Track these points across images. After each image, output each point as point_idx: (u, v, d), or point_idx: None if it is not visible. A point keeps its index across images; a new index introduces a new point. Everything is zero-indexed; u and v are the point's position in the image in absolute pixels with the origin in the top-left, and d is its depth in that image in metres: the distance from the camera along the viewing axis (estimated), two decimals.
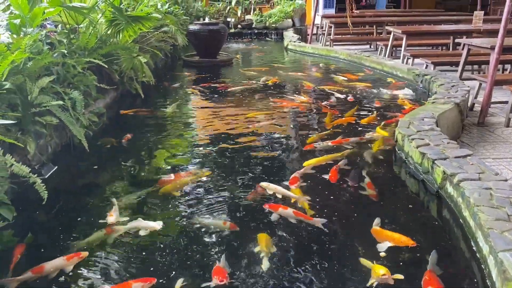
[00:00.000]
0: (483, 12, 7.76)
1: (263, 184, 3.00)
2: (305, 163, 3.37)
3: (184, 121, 4.67)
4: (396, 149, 3.57)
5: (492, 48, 4.58)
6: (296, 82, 6.43)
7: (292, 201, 2.82)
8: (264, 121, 4.53)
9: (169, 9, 8.04)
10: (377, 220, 2.53)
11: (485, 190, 2.40)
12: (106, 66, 4.20)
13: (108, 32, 4.89)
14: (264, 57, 9.28)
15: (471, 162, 2.80)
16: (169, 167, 3.43)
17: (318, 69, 7.70)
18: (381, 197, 2.91)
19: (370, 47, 10.41)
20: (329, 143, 3.83)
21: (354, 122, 4.44)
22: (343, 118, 4.52)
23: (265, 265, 2.16)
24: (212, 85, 6.18)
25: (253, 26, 12.10)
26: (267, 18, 11.96)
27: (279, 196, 2.87)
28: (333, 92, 5.59)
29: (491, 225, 2.06)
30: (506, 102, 4.61)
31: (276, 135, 4.13)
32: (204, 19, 10.31)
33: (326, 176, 3.14)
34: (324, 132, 4.14)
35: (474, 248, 2.22)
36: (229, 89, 5.94)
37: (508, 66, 6.44)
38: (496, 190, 2.40)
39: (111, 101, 4.84)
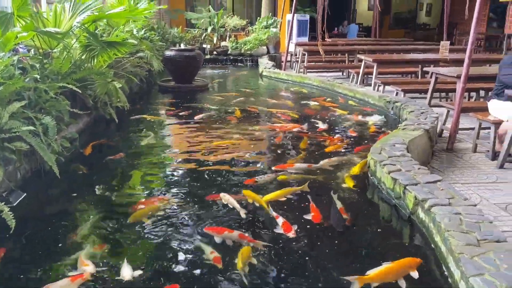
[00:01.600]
0: (449, 42, 8.10)
1: (221, 194, 3.22)
2: (264, 198, 3.16)
3: (156, 147, 4.62)
4: (369, 175, 3.63)
5: (458, 77, 4.76)
6: (271, 108, 6.50)
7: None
8: (236, 149, 4.50)
9: (145, 35, 8.08)
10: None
11: (455, 215, 2.46)
12: (80, 91, 4.16)
13: (83, 57, 4.87)
14: (240, 83, 9.39)
15: (441, 187, 2.87)
16: (141, 194, 3.39)
17: (292, 96, 7.83)
18: (355, 222, 2.94)
19: (343, 74, 10.66)
20: (273, 171, 3.80)
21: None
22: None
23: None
24: (184, 112, 6.13)
25: (229, 52, 12.25)
26: (242, 45, 12.14)
27: (231, 206, 3.08)
28: (309, 118, 5.69)
29: (462, 250, 2.10)
30: (473, 129, 4.77)
31: (249, 162, 4.12)
32: (180, 45, 10.38)
33: (308, 217, 2.93)
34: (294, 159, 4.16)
35: (446, 273, 2.25)
36: (202, 115, 5.89)
37: (473, 94, 6.69)
38: (466, 215, 2.46)
39: (84, 126, 4.77)
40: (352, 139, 4.87)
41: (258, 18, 13.55)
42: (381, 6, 13.29)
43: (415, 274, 2.25)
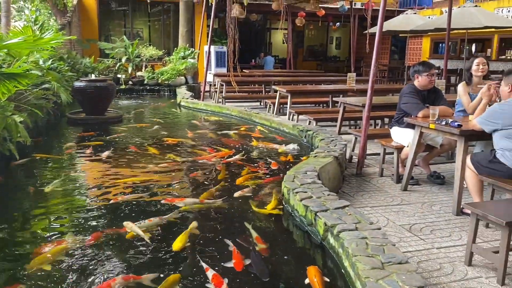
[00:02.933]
0: (355, 73, 8.69)
1: (124, 223, 3.20)
2: (174, 247, 2.89)
3: (59, 186, 4.23)
4: (283, 202, 3.68)
5: (363, 106, 5.07)
6: (189, 139, 6.42)
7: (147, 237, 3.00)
8: (147, 185, 4.29)
9: (52, 65, 7.66)
10: None
11: (362, 239, 2.54)
12: None
13: None
14: (157, 114, 9.20)
15: (349, 212, 2.97)
16: (43, 236, 3.11)
17: (211, 126, 7.82)
18: (271, 251, 2.93)
19: (260, 104, 10.91)
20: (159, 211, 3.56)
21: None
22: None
23: None
24: (92, 146, 5.78)
25: (145, 82, 12.04)
26: (159, 75, 12.00)
27: (135, 233, 3.07)
28: (228, 148, 5.68)
29: (368, 274, 2.16)
30: (379, 154, 5.08)
31: (158, 197, 3.95)
32: (91, 76, 10.00)
33: (230, 265, 2.68)
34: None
35: None
36: (109, 151, 5.48)
37: (379, 121, 7.17)
38: (371, 239, 2.55)
39: None
40: (268, 167, 4.93)
41: (175, 48, 13.55)
42: (293, 40, 13.94)
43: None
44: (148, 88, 12.00)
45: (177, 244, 2.92)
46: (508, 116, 3.36)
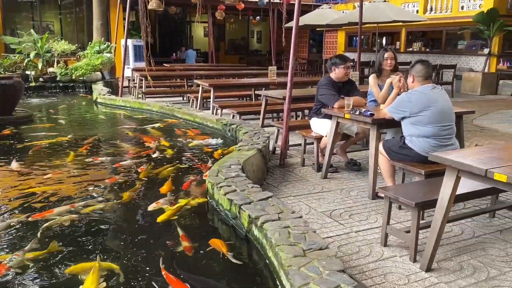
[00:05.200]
0: (276, 67, 8.84)
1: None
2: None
3: None
4: (208, 198, 3.64)
5: (284, 98, 5.17)
6: (107, 139, 6.13)
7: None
8: (55, 195, 3.88)
9: None
10: None
11: (284, 228, 2.59)
12: None
13: None
14: (71, 112, 8.69)
15: (272, 203, 3.02)
16: None
17: (129, 123, 7.54)
18: (195, 248, 2.88)
19: (183, 99, 10.73)
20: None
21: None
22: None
23: None
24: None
25: (58, 79, 11.32)
26: (73, 71, 11.33)
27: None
28: (145, 146, 5.50)
29: (290, 263, 2.20)
30: (300, 145, 5.21)
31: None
32: None
33: None
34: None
35: (279, 287, 2.33)
36: (16, 163, 4.78)
37: (300, 113, 7.36)
38: (294, 227, 2.61)
39: None
40: (190, 164, 4.86)
41: (90, 42, 12.87)
42: (215, 34, 13.87)
43: None
44: (61, 85, 11.30)
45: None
46: (414, 104, 3.60)
